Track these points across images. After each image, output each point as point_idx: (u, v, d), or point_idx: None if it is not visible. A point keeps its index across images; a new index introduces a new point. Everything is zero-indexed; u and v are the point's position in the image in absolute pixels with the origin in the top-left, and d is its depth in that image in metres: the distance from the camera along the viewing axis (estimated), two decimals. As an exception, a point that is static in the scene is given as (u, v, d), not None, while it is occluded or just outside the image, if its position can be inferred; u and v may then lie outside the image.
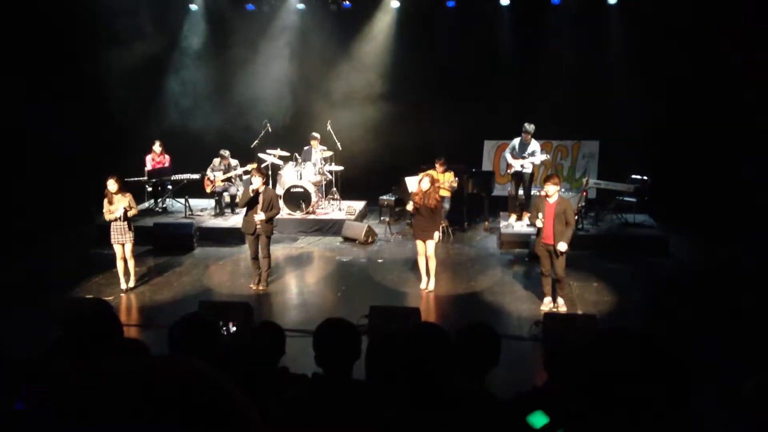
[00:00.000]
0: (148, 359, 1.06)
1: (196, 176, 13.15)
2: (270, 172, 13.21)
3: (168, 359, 1.04)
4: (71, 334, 3.17)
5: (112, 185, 9.05)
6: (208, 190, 13.04)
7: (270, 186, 11.41)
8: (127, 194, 9.17)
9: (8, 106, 11.17)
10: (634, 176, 12.19)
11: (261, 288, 9.47)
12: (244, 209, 9.51)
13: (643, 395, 1.71)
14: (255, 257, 9.47)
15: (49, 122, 11.92)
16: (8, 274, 9.76)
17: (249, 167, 12.00)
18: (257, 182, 9.16)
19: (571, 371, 3.13)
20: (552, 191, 8.22)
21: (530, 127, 11.79)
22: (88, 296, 9.08)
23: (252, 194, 9.18)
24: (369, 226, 12.20)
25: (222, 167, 12.94)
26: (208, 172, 12.96)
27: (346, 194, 13.72)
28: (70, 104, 12.43)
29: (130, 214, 9.10)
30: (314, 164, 13.01)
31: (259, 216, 9.15)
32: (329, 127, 13.25)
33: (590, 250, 10.65)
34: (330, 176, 13.49)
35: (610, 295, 9.13)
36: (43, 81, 11.79)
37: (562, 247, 8.18)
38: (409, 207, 9.28)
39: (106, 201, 9.08)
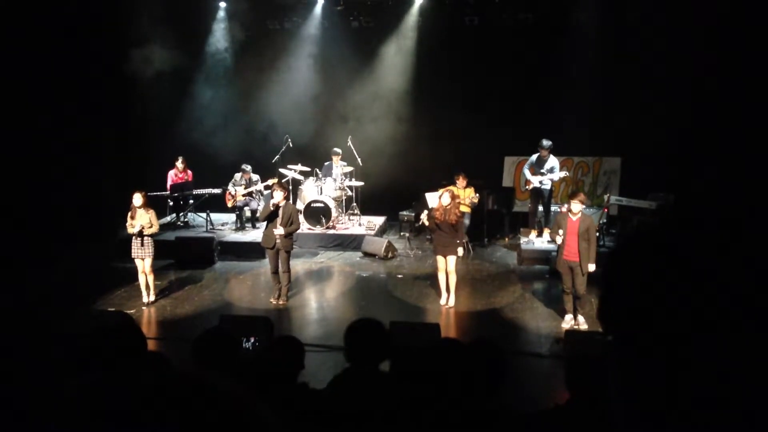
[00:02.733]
0: (174, 374, 1.08)
1: (217, 191, 13.28)
2: (291, 187, 13.30)
3: (195, 377, 1.05)
4: (94, 346, 3.19)
5: (137, 199, 9.15)
6: (230, 204, 13.17)
7: (291, 201, 11.47)
8: (150, 210, 9.26)
9: (35, 121, 11.36)
10: (656, 193, 12.08)
11: (281, 302, 9.50)
12: (265, 223, 9.57)
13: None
14: (275, 271, 9.51)
15: (74, 137, 12.10)
16: (31, 286, 9.88)
17: (270, 182, 12.10)
18: (279, 196, 9.21)
19: (593, 390, 3.10)
20: (577, 209, 8.17)
21: (547, 143, 11.77)
22: (110, 309, 9.17)
23: (272, 208, 9.23)
24: (389, 242, 12.21)
25: (243, 182, 13.05)
26: (230, 186, 13.08)
27: (367, 209, 13.76)
28: (95, 119, 12.61)
29: (146, 232, 9.15)
30: (335, 179, 13.07)
31: (278, 231, 9.19)
32: (350, 143, 13.31)
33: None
34: (350, 191, 13.54)
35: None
36: (69, 97, 11.97)
37: (592, 268, 8.14)
38: (423, 217, 9.27)
39: (129, 215, 9.18)
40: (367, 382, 3.02)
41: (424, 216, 9.28)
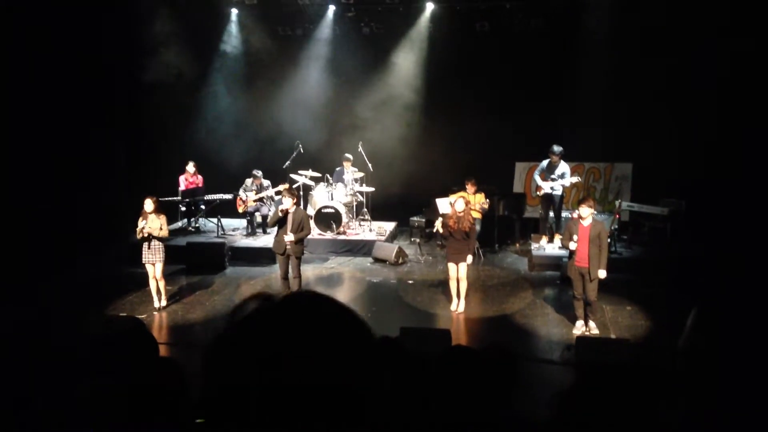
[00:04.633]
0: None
1: (228, 196, 13.31)
2: (302, 193, 13.32)
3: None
4: (106, 351, 3.20)
5: (148, 205, 9.16)
6: (241, 210, 13.19)
7: (301, 207, 11.46)
8: (162, 215, 9.27)
9: (46, 127, 11.45)
10: (667, 199, 12.02)
11: (291, 308, 9.48)
12: (275, 229, 9.58)
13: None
14: (285, 277, 9.51)
15: (85, 143, 12.18)
16: (43, 292, 9.94)
17: (281, 188, 12.11)
18: (287, 203, 9.22)
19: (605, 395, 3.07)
20: (586, 213, 8.14)
21: (557, 148, 11.73)
22: (121, 314, 9.20)
23: (281, 214, 9.24)
24: (399, 247, 12.20)
25: (254, 187, 13.07)
26: (241, 192, 13.10)
27: (377, 215, 13.75)
28: (106, 124, 12.69)
29: (153, 233, 9.14)
30: (345, 185, 13.08)
31: (289, 237, 9.19)
32: (360, 149, 13.32)
33: (623, 274, 10.48)
34: (361, 197, 13.54)
35: (643, 320, 8.97)
36: (80, 103, 12.05)
37: (602, 274, 8.10)
38: (438, 224, 9.28)
39: (140, 220, 9.20)
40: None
41: (438, 223, 9.28)
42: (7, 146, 10.94)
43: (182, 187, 13.52)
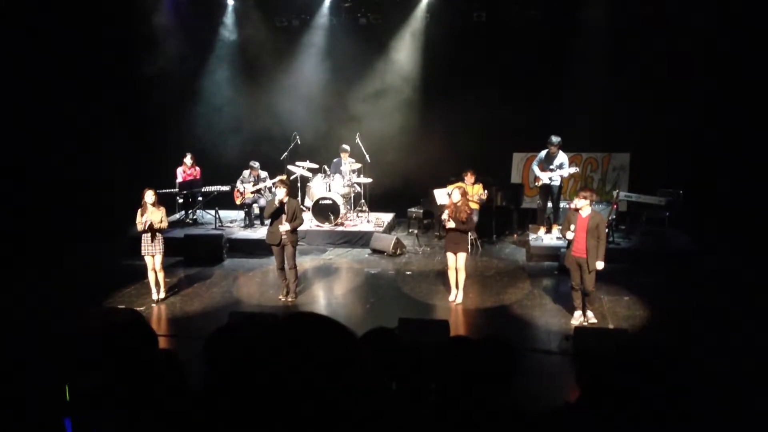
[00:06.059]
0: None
1: (226, 188, 13.28)
2: (299, 184, 13.31)
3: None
4: (105, 344, 3.20)
5: (149, 197, 9.17)
6: (238, 201, 13.18)
7: (297, 197, 11.45)
8: (161, 207, 9.30)
9: (43, 119, 11.42)
10: (665, 189, 12.02)
11: (290, 299, 9.51)
12: (269, 221, 9.58)
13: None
14: (281, 268, 9.51)
15: (84, 135, 12.15)
16: (42, 284, 9.94)
17: (278, 179, 12.09)
18: (281, 193, 9.21)
19: (605, 386, 3.08)
20: (581, 204, 8.14)
21: (555, 139, 11.71)
22: (120, 306, 9.20)
23: (278, 204, 9.24)
24: (397, 238, 12.20)
25: (251, 179, 13.05)
26: (238, 183, 13.08)
27: (375, 206, 13.74)
28: (104, 116, 12.66)
29: (156, 226, 9.17)
30: (343, 176, 13.06)
31: (284, 227, 9.19)
32: (358, 140, 13.29)
33: (621, 264, 10.49)
34: (359, 188, 13.53)
35: (641, 310, 8.99)
36: (79, 95, 12.01)
37: (600, 265, 8.10)
38: (444, 216, 9.09)
39: (140, 212, 9.20)
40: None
41: (445, 216, 9.10)
42: (6, 142, 10.91)
43: (180, 179, 13.49)
